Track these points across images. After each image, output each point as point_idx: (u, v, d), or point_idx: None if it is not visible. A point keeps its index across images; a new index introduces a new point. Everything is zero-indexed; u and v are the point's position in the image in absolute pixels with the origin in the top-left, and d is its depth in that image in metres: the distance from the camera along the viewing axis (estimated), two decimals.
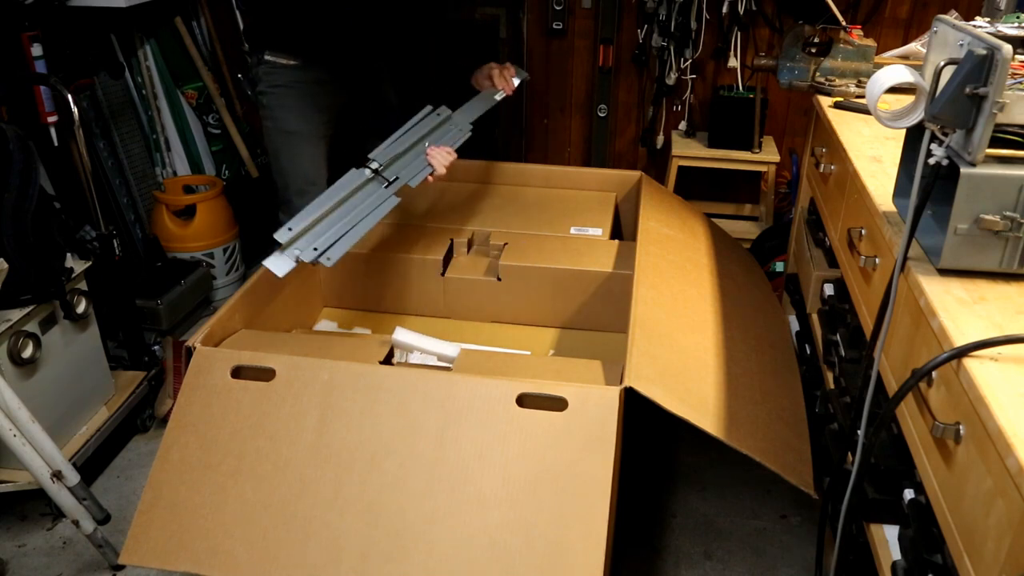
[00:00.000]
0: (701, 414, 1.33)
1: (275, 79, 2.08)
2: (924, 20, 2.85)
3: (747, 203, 3.23)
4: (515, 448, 1.22)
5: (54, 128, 2.25)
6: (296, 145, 2.12)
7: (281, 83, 2.08)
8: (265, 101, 2.11)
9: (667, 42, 2.94)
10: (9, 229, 1.68)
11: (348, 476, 1.24)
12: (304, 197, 2.11)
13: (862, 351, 1.54)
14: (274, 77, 2.08)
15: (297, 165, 2.12)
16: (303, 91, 2.09)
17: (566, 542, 1.16)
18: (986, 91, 0.95)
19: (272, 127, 2.12)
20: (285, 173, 2.15)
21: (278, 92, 2.09)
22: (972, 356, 0.91)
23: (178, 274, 2.55)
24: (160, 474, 1.28)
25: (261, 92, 2.11)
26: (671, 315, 1.57)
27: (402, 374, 1.34)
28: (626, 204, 2.27)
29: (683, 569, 1.81)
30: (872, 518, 1.29)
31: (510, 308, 1.89)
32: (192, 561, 1.20)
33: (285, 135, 2.11)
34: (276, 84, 2.08)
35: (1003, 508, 0.81)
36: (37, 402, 1.74)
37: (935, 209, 1.14)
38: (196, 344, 1.38)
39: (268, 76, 2.08)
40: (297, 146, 2.12)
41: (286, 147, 2.12)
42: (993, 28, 1.13)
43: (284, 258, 1.44)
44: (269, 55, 2.06)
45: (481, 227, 2.00)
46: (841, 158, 1.64)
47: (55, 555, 1.83)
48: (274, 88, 2.09)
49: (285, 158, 2.13)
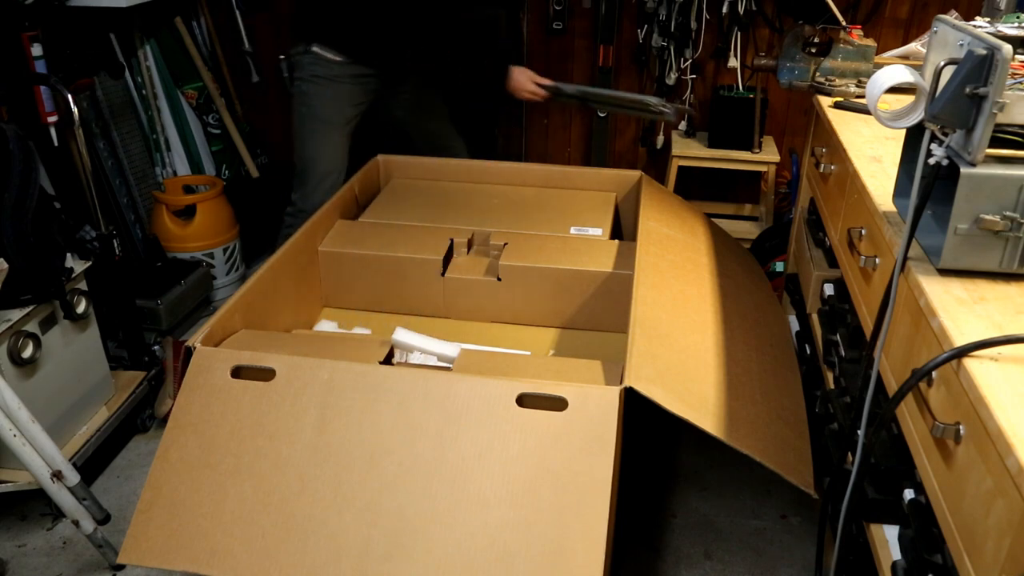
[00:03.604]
0: (701, 414, 1.33)
1: (318, 71, 2.23)
2: (924, 20, 2.85)
3: (747, 203, 3.23)
4: (515, 448, 1.22)
5: (54, 128, 2.25)
6: (326, 134, 2.29)
7: (323, 75, 2.24)
8: (305, 88, 2.27)
9: (667, 42, 2.94)
10: (9, 229, 1.68)
11: (348, 476, 1.24)
12: (324, 182, 2.31)
13: (862, 351, 1.54)
14: (318, 68, 2.23)
15: (323, 152, 2.28)
16: (343, 85, 2.26)
17: (566, 542, 1.16)
18: (986, 91, 0.96)
19: (307, 113, 2.28)
20: (310, 159, 2.30)
21: (319, 82, 2.25)
22: (972, 356, 0.91)
23: (178, 274, 2.55)
24: (159, 474, 1.28)
25: (302, 79, 2.28)
26: (671, 315, 1.57)
27: (402, 374, 1.34)
28: (626, 204, 2.27)
29: (683, 569, 1.81)
30: (872, 518, 1.29)
31: (510, 308, 1.89)
32: (191, 560, 1.20)
33: (319, 122, 2.28)
34: (318, 75, 2.24)
35: (1003, 508, 0.81)
36: (37, 402, 1.74)
37: (935, 209, 1.14)
38: (196, 344, 1.38)
39: (312, 66, 2.24)
40: (327, 135, 2.29)
41: (316, 134, 2.29)
42: (993, 28, 1.13)
43: None
44: (317, 47, 2.21)
45: (481, 227, 2.00)
46: (841, 158, 1.64)
47: (55, 555, 1.83)
48: (316, 78, 2.25)
49: (312, 145, 2.29)
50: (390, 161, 2.38)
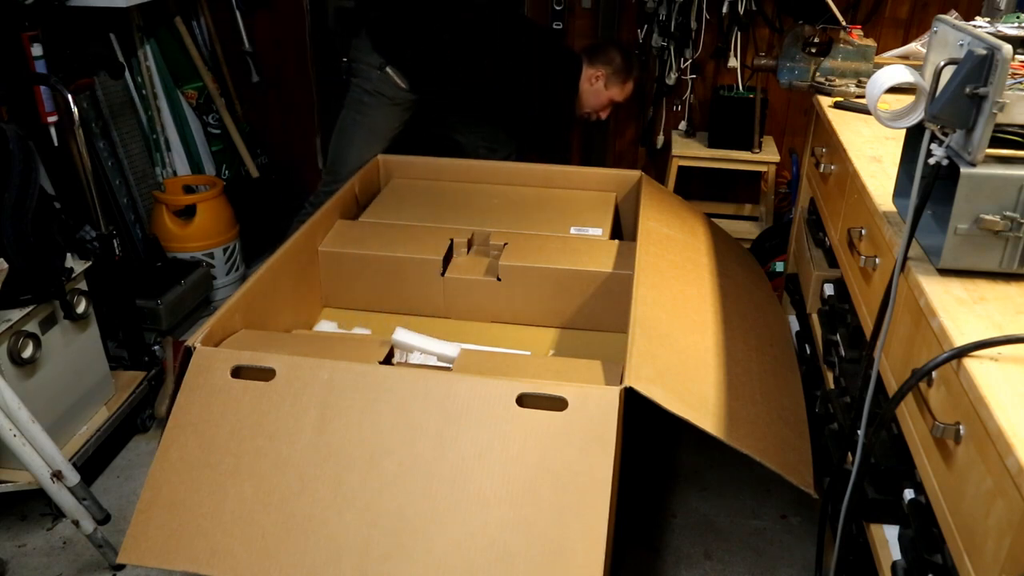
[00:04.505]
0: (701, 414, 1.33)
1: (385, 89, 2.47)
2: (924, 20, 2.85)
3: (747, 203, 3.23)
4: (515, 448, 1.22)
5: (54, 128, 2.25)
6: (372, 142, 2.50)
7: (386, 94, 2.47)
8: (367, 100, 2.49)
9: (667, 42, 2.94)
10: (9, 229, 1.68)
11: (348, 475, 1.24)
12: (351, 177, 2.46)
13: (862, 351, 1.54)
14: (384, 87, 2.46)
15: (363, 155, 2.46)
16: (401, 106, 2.50)
17: (566, 542, 1.16)
18: (986, 91, 0.95)
19: (360, 121, 2.51)
20: (350, 159, 2.49)
21: (381, 99, 2.48)
22: (972, 356, 0.91)
23: (178, 274, 2.55)
24: (159, 473, 1.28)
25: (365, 91, 2.49)
26: (671, 315, 1.57)
27: (402, 374, 1.34)
28: (626, 204, 2.27)
29: (683, 569, 1.81)
30: (872, 518, 1.29)
31: (510, 308, 1.89)
32: (191, 560, 1.20)
33: (369, 131, 2.50)
34: (383, 93, 2.47)
35: (1003, 508, 0.81)
36: (37, 402, 1.74)
37: (935, 209, 1.14)
38: (196, 344, 1.38)
39: (380, 84, 2.46)
40: (372, 143, 2.50)
41: (363, 140, 2.50)
42: (993, 28, 1.13)
43: None
44: (390, 70, 2.44)
45: (481, 227, 2.00)
46: (841, 158, 1.64)
47: (55, 555, 1.83)
48: (379, 95, 2.47)
49: (357, 149, 2.50)
50: (390, 161, 2.39)
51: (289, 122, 3.39)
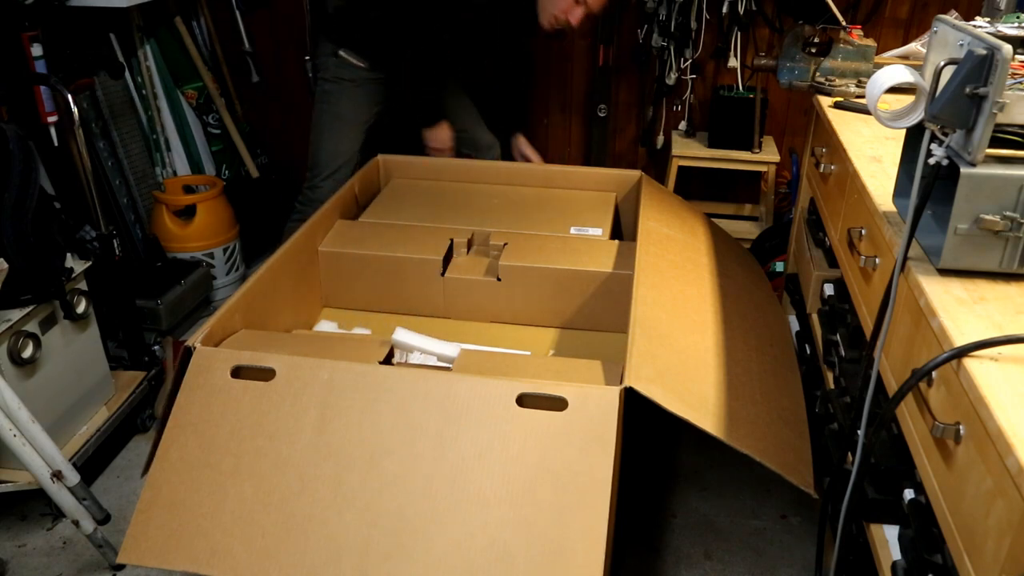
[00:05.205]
0: (701, 414, 1.33)
1: (343, 73, 2.41)
2: (924, 20, 2.85)
3: (747, 203, 3.23)
4: (515, 448, 1.22)
5: (54, 128, 2.25)
6: (342, 129, 2.45)
7: (347, 78, 2.41)
8: (328, 88, 2.44)
9: (667, 42, 2.94)
10: (9, 229, 1.68)
11: (348, 475, 1.24)
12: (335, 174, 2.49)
13: (862, 351, 1.54)
14: (343, 72, 2.40)
15: (337, 145, 2.44)
16: (364, 87, 2.43)
17: (566, 542, 1.16)
18: (986, 91, 0.95)
19: (326, 110, 2.45)
20: (324, 151, 2.46)
21: (343, 84, 2.42)
22: (972, 356, 0.91)
23: (178, 274, 2.55)
24: (159, 473, 1.28)
25: (326, 80, 2.44)
26: (671, 315, 1.57)
27: (402, 374, 1.34)
28: (626, 204, 2.27)
29: (683, 569, 1.81)
30: (872, 518, 1.29)
31: (510, 308, 1.89)
32: (191, 560, 1.20)
33: (337, 119, 2.44)
34: (342, 78, 2.41)
35: (1003, 508, 0.81)
36: (37, 402, 1.74)
37: (935, 209, 1.14)
38: (196, 344, 1.38)
39: (338, 69, 2.41)
40: (342, 130, 2.45)
41: (333, 129, 2.45)
42: (993, 28, 1.13)
43: None
44: (343, 53, 2.38)
45: (481, 227, 2.00)
46: (841, 158, 1.64)
47: (55, 555, 1.83)
48: (340, 80, 2.42)
49: (329, 139, 2.45)
50: (390, 161, 2.39)
51: (289, 122, 3.39)
